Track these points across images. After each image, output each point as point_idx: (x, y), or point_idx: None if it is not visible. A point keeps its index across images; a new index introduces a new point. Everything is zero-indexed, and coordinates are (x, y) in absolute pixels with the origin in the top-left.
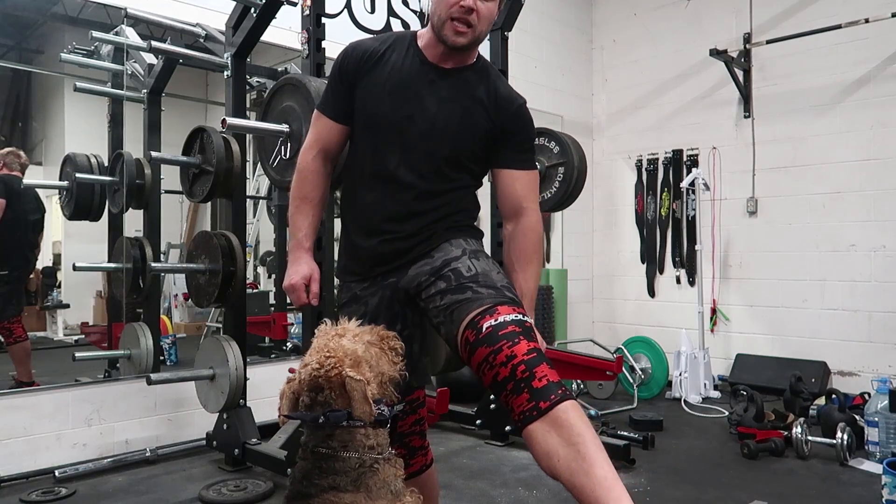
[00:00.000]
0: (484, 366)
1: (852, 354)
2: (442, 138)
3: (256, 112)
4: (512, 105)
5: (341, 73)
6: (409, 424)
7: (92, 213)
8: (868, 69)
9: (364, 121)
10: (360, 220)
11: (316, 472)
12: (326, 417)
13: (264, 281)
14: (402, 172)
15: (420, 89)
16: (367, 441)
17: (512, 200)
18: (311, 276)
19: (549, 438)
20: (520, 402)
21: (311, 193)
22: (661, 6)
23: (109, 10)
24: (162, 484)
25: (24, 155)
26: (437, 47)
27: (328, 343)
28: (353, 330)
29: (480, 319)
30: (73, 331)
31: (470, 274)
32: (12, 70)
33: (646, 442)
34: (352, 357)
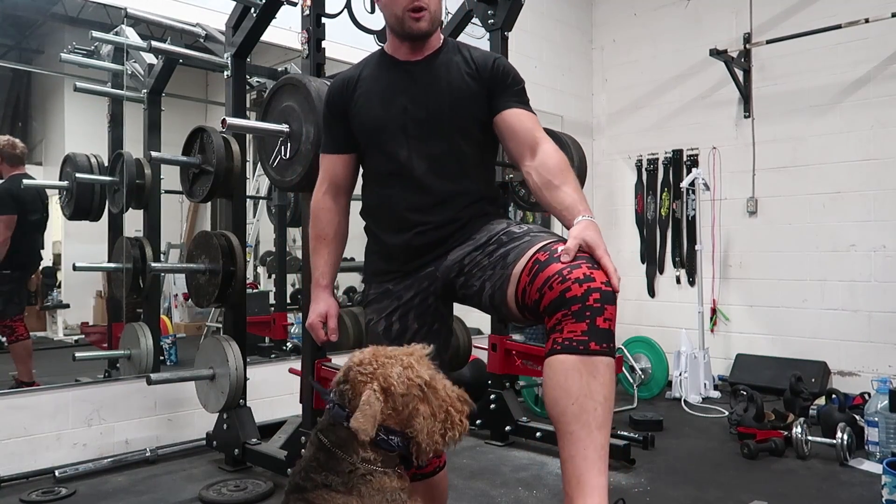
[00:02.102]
0: (555, 279)
1: (852, 354)
2: (439, 114)
3: (256, 112)
4: (489, 61)
5: (329, 108)
6: None
7: (92, 213)
8: (868, 69)
9: (366, 132)
10: (386, 218)
11: (314, 465)
12: (333, 406)
13: (264, 281)
14: (415, 162)
15: (402, 84)
16: (363, 452)
17: (523, 135)
18: (327, 313)
19: (573, 380)
20: (574, 329)
21: (324, 231)
22: (661, 6)
23: (109, 10)
24: (162, 484)
25: (19, 143)
26: (403, 45)
27: (385, 358)
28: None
29: (554, 244)
30: (73, 331)
31: (522, 230)
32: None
33: (646, 442)
34: (386, 385)
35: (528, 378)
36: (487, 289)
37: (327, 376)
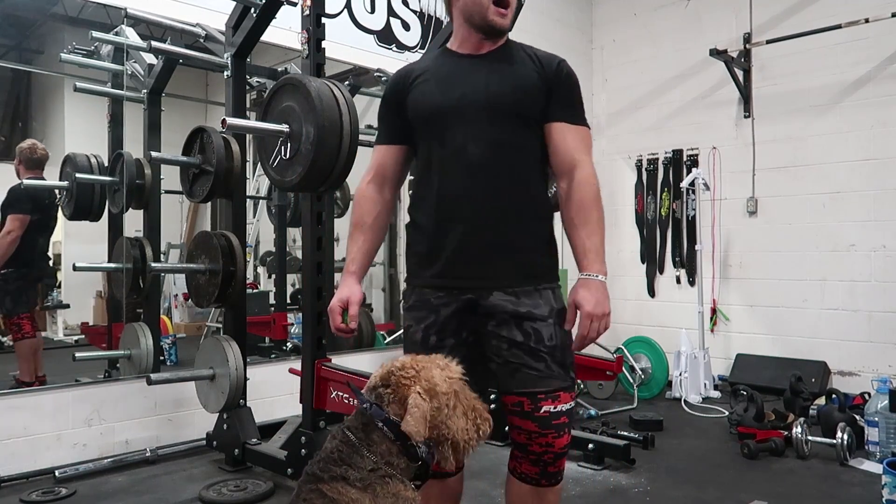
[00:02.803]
0: (522, 432)
1: (852, 354)
2: (500, 98)
3: (256, 112)
4: (553, 61)
5: (386, 101)
6: None
7: (92, 213)
8: (868, 69)
9: (422, 118)
10: (433, 206)
11: (335, 457)
12: (370, 406)
13: (264, 281)
14: (471, 147)
15: (464, 73)
16: (390, 456)
17: (564, 154)
18: (348, 298)
19: (525, 500)
20: (529, 468)
21: (362, 218)
22: (661, 6)
23: (109, 10)
24: (162, 484)
25: (39, 147)
26: (473, 38)
27: (424, 362)
28: (453, 371)
29: (542, 401)
30: (73, 331)
31: (550, 344)
32: (12, 70)
33: (646, 442)
34: (431, 385)
35: None
36: (494, 371)
37: (327, 376)
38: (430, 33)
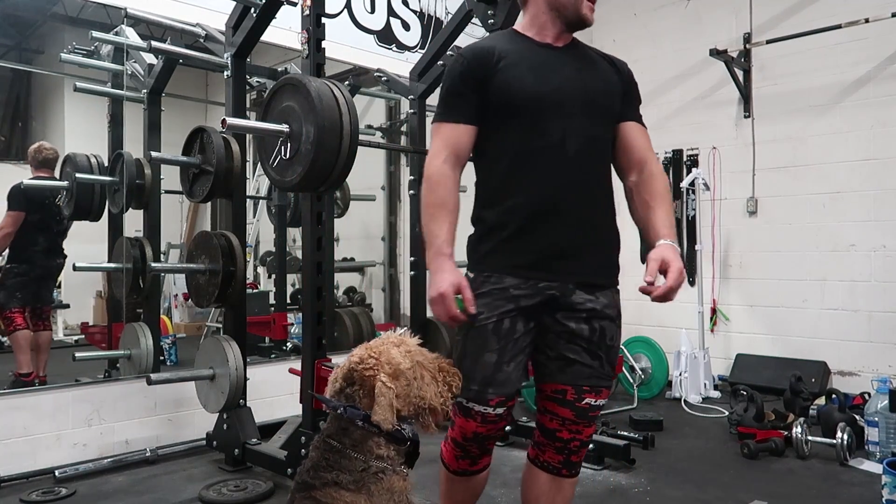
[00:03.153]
0: (556, 418)
1: (852, 354)
2: (596, 98)
3: (256, 112)
4: (625, 65)
5: (463, 77)
6: (498, 429)
7: (92, 213)
8: (868, 69)
9: (514, 104)
10: (527, 198)
11: (323, 465)
12: (345, 410)
13: (264, 281)
14: (569, 141)
15: (556, 63)
16: (377, 449)
17: (636, 152)
18: (459, 283)
19: (543, 489)
20: (553, 456)
21: (445, 199)
22: (661, 6)
23: (109, 10)
24: (162, 484)
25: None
26: (555, 28)
27: (379, 346)
28: (410, 345)
29: (587, 393)
30: (73, 331)
31: (610, 344)
32: (12, 70)
33: (646, 442)
34: (393, 367)
35: (528, 378)
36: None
37: (327, 376)
38: (430, 33)
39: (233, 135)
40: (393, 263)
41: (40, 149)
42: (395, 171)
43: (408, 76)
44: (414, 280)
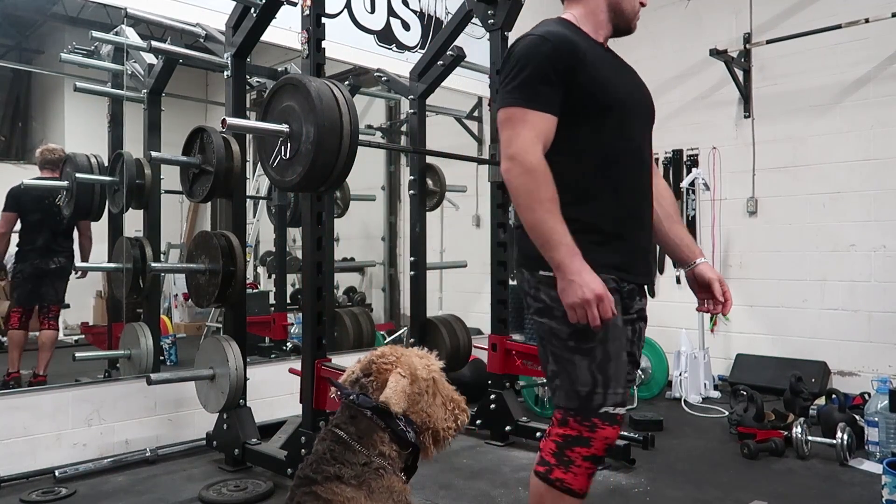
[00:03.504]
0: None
1: (852, 354)
2: (650, 108)
3: (256, 112)
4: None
5: (554, 64)
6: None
7: (92, 213)
8: (868, 69)
9: (606, 104)
10: (615, 200)
11: (326, 458)
12: (357, 396)
13: (264, 281)
14: (644, 146)
15: (618, 66)
16: (381, 446)
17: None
18: (603, 285)
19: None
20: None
21: (554, 193)
22: (661, 6)
23: (109, 10)
24: (162, 484)
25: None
26: (606, 30)
27: (403, 351)
28: (432, 362)
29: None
30: (73, 331)
31: (641, 345)
32: (12, 70)
33: (646, 442)
34: (411, 370)
35: (528, 378)
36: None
37: (327, 376)
38: (430, 33)
39: (233, 135)
40: (393, 263)
41: (43, 150)
42: (395, 171)
43: (408, 76)
44: (414, 280)
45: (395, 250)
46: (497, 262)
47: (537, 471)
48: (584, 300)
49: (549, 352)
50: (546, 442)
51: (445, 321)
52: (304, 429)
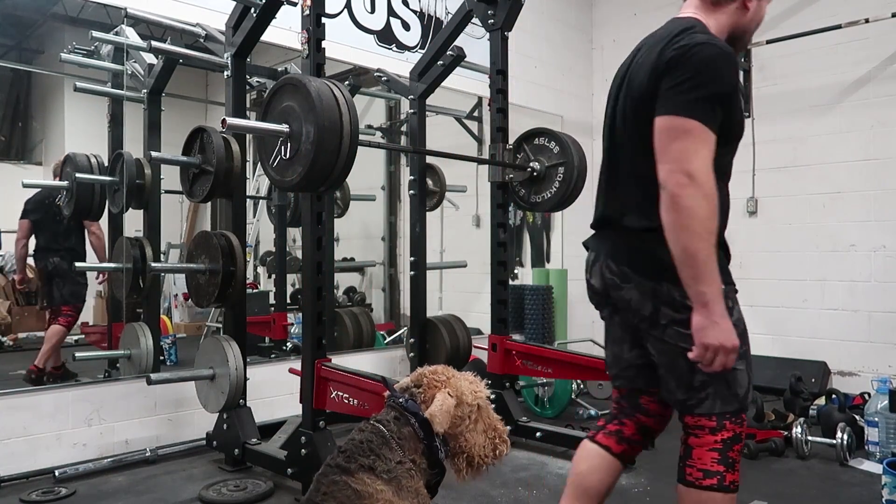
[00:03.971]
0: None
1: (852, 354)
2: None
3: (256, 112)
4: None
5: (734, 86)
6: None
7: (92, 213)
8: (868, 69)
9: (736, 129)
10: (722, 216)
11: (364, 449)
12: (406, 401)
13: (264, 281)
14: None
15: None
16: (415, 454)
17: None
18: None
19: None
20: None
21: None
22: (661, 6)
23: (109, 10)
24: (162, 484)
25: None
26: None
27: (454, 372)
28: (480, 389)
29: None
30: (74, 331)
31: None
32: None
33: None
34: (458, 392)
35: (528, 378)
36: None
37: (327, 376)
38: (430, 33)
39: (233, 135)
40: (393, 263)
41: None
42: (395, 171)
43: (408, 76)
44: (414, 280)
45: (395, 250)
46: (497, 262)
47: (706, 484)
48: (722, 347)
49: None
50: (700, 453)
51: (445, 321)
52: (304, 429)
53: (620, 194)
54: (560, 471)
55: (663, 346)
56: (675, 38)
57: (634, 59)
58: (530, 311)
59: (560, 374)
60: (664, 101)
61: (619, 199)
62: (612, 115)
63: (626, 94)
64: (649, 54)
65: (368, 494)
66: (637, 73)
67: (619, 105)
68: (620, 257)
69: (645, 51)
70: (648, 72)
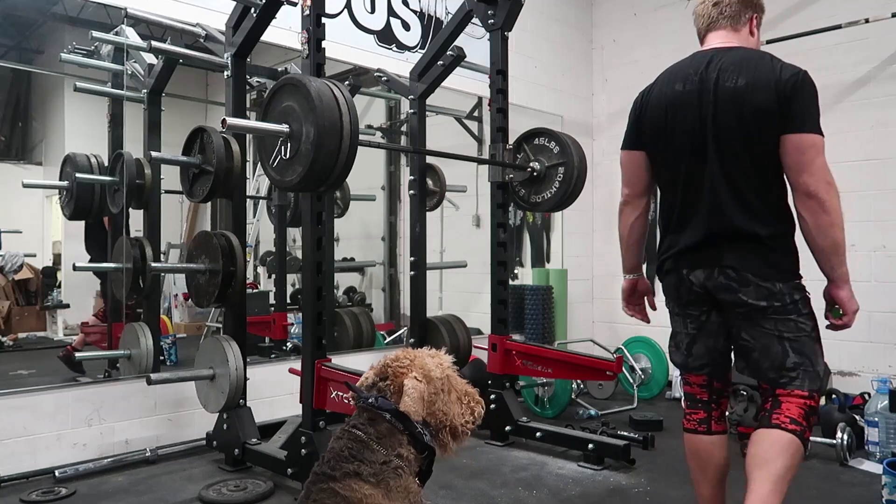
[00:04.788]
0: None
1: (852, 354)
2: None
3: (256, 112)
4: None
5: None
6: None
7: (92, 213)
8: (868, 69)
9: None
10: None
11: (345, 456)
12: (376, 400)
13: (264, 281)
14: None
15: None
16: (399, 447)
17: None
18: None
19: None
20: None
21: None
22: (661, 6)
23: (109, 10)
24: (162, 484)
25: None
26: None
27: (415, 353)
28: (444, 360)
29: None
30: (73, 331)
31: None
32: (12, 70)
33: (646, 442)
34: (425, 372)
35: (528, 378)
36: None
37: (327, 376)
38: (430, 33)
39: (233, 135)
40: (393, 263)
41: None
42: (395, 171)
43: (408, 76)
44: (414, 280)
45: (395, 250)
46: (497, 262)
47: (791, 428)
48: (856, 311)
49: (790, 347)
50: (789, 407)
51: (445, 321)
52: (304, 429)
53: (740, 206)
54: (560, 471)
55: (762, 332)
56: (775, 63)
57: (719, 83)
58: (530, 311)
59: (560, 374)
60: (800, 121)
61: (739, 211)
62: (704, 135)
63: (736, 114)
64: (750, 78)
65: (357, 500)
66: (746, 95)
67: (719, 122)
68: (747, 264)
69: (733, 73)
70: (771, 96)
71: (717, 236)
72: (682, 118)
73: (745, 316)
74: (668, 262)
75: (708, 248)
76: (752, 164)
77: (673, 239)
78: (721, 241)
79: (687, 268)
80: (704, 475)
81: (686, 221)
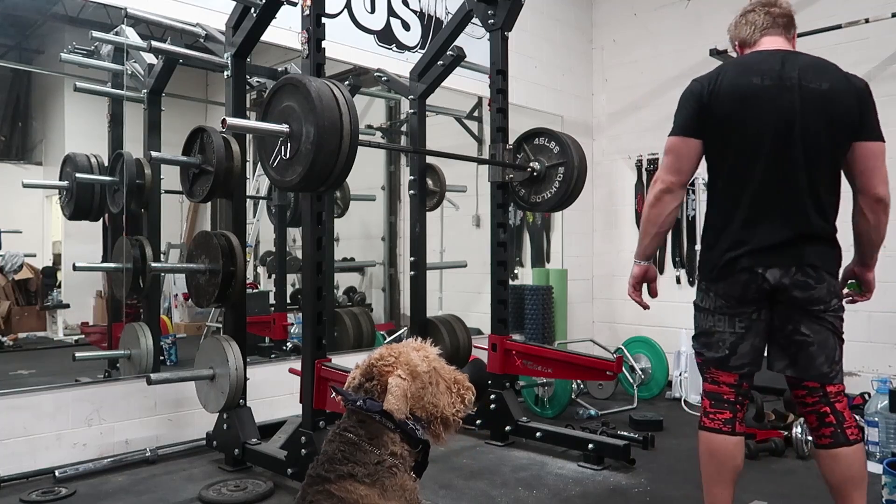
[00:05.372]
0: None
1: (852, 354)
2: None
3: (256, 112)
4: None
5: None
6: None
7: (92, 213)
8: (868, 69)
9: None
10: None
11: (339, 457)
12: (364, 402)
13: (264, 281)
14: None
15: None
16: (392, 445)
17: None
18: None
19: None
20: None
21: None
22: (661, 6)
23: (109, 10)
24: (162, 484)
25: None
26: None
27: (399, 348)
28: (429, 352)
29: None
30: (73, 331)
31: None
32: (12, 70)
33: (646, 442)
34: (410, 368)
35: (528, 378)
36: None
37: (327, 376)
38: (430, 33)
39: (233, 135)
40: (393, 263)
41: None
42: (395, 171)
43: (408, 76)
44: (414, 280)
45: (395, 250)
46: (497, 262)
47: (860, 437)
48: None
49: (837, 341)
50: (848, 415)
51: (445, 321)
52: (304, 429)
53: (816, 206)
54: (560, 471)
55: (821, 327)
56: (840, 70)
57: (802, 83)
58: (530, 311)
59: (560, 374)
60: (872, 129)
61: (815, 211)
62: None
63: (826, 119)
64: (833, 83)
65: (353, 501)
66: (834, 101)
67: (808, 125)
68: (826, 262)
69: (815, 76)
70: (853, 103)
71: (800, 236)
72: (759, 113)
73: (807, 312)
74: (742, 259)
75: (791, 248)
76: (830, 166)
77: (740, 236)
78: (803, 241)
79: (763, 266)
80: (720, 475)
81: (760, 220)
